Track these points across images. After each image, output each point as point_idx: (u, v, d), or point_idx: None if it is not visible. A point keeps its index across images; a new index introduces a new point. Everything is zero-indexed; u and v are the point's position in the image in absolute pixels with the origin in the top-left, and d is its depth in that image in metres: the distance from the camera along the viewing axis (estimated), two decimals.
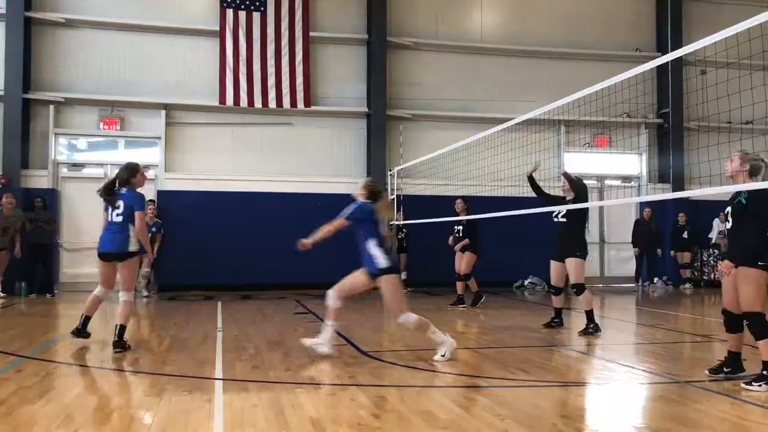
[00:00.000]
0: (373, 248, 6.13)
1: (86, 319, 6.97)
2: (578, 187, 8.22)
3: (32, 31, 13.86)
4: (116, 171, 7.04)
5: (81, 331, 6.94)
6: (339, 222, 6.26)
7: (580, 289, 8.00)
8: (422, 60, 15.68)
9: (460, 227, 11.03)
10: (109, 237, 6.68)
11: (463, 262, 10.91)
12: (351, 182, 14.85)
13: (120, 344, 6.51)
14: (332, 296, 6.29)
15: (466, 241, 10.92)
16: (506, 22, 16.33)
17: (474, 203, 11.58)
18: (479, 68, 15.96)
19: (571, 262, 8.05)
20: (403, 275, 14.34)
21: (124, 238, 6.61)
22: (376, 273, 6.08)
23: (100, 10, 14.12)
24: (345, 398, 4.74)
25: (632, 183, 16.94)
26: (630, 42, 16.72)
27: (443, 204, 11.80)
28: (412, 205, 14.08)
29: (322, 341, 6.23)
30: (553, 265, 8.35)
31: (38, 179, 13.70)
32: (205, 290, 13.48)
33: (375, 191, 6.43)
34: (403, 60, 15.56)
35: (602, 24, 16.53)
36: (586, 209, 8.37)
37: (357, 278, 6.25)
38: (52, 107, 13.83)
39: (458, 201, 11.11)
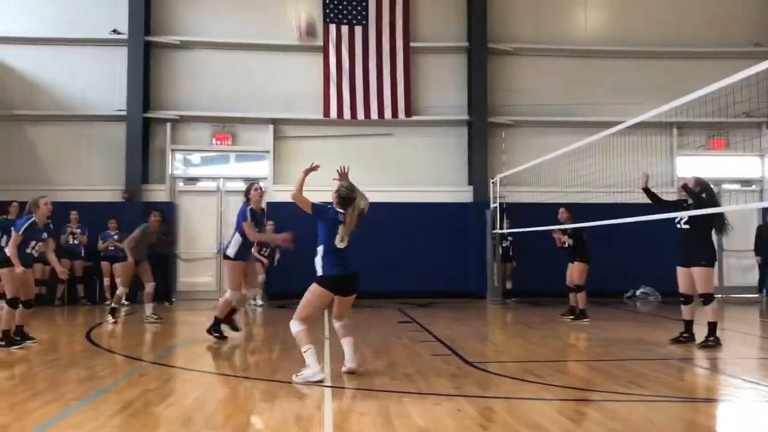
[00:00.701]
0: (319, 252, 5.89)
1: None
2: (699, 195, 7.75)
3: (151, 53, 14.75)
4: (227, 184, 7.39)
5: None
6: None
7: (708, 298, 7.53)
8: (523, 65, 15.47)
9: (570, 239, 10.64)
10: None
11: (574, 272, 10.49)
12: (454, 191, 15.00)
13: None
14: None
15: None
16: (610, 23, 15.83)
17: (581, 211, 11.27)
18: (583, 71, 15.53)
19: (696, 271, 7.58)
20: (509, 285, 14.16)
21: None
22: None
23: (212, 31, 14.85)
24: (452, 408, 4.73)
25: (753, 187, 15.94)
26: (747, 37, 15.77)
27: (549, 212, 11.51)
28: (516, 213, 13.88)
29: (311, 373, 5.64)
30: (680, 271, 7.79)
31: (157, 193, 14.53)
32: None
33: (345, 198, 6.03)
34: (504, 66, 15.40)
35: (714, 20, 15.66)
36: (713, 214, 7.83)
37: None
38: (168, 125, 14.66)
39: (562, 210, 10.77)
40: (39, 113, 14.53)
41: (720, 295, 15.00)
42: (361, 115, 14.81)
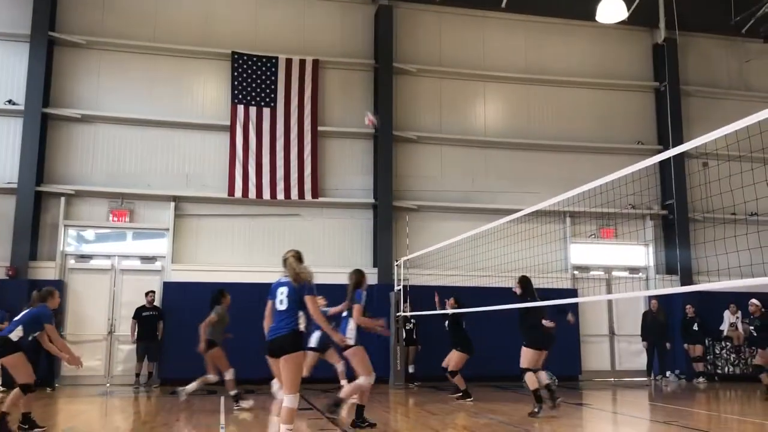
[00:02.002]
0: None
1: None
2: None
3: (48, 126, 14.25)
4: (122, 262, 7.19)
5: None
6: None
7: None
8: (427, 152, 16.01)
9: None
10: None
11: (452, 359, 11.09)
12: None
13: None
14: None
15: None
16: (508, 117, 16.77)
17: (482, 294, 11.54)
18: (483, 160, 16.27)
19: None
20: (411, 369, 14.09)
21: None
22: None
23: (114, 106, 14.58)
24: None
25: (640, 274, 16.86)
26: (631, 135, 17.10)
27: (453, 294, 11.78)
28: (419, 295, 14.01)
29: None
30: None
31: (45, 270, 13.72)
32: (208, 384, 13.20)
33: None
34: (409, 152, 15.88)
35: (603, 118, 16.95)
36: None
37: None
38: (63, 199, 14.05)
39: (451, 300, 11.45)
40: None
41: (612, 379, 15.65)
42: (267, 195, 14.75)
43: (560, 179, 14.92)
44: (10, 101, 14.01)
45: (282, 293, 5.92)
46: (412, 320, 14.26)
